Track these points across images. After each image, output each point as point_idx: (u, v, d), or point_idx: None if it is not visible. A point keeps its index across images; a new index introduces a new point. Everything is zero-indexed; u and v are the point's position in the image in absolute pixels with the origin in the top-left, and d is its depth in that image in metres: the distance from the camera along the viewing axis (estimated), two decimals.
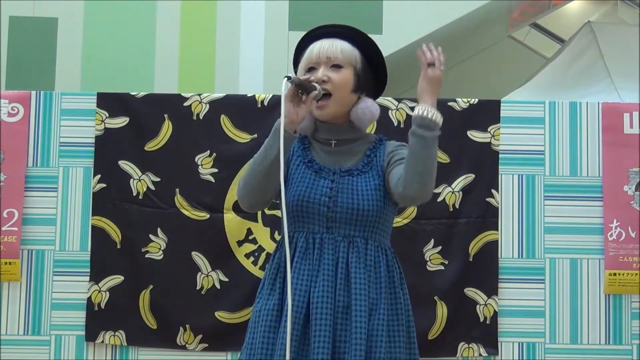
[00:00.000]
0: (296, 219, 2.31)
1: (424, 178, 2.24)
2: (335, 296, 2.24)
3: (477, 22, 7.25)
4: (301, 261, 2.27)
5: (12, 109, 3.39)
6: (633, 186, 3.33)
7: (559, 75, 5.94)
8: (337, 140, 2.39)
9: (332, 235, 2.28)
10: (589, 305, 3.30)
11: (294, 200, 2.30)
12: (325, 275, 2.25)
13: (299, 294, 2.24)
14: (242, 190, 2.30)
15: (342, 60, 2.35)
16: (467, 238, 3.32)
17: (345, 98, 2.34)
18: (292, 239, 2.30)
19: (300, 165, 2.36)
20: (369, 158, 2.38)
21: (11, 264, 3.30)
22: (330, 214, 2.28)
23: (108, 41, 6.45)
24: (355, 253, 2.28)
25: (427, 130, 2.25)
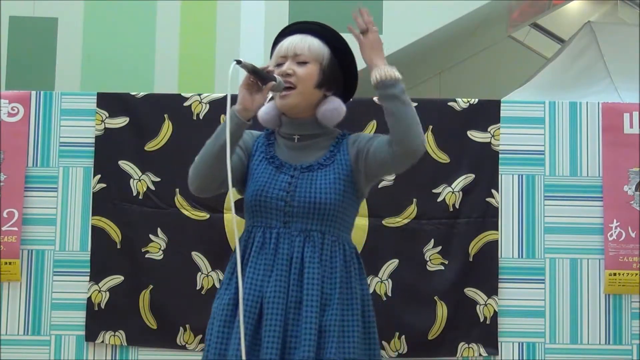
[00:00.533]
0: (255, 213, 2.33)
1: (413, 129, 2.28)
2: (288, 292, 2.24)
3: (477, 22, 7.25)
4: (257, 256, 2.29)
5: (12, 109, 3.39)
6: (633, 186, 3.33)
7: (559, 75, 5.94)
8: (301, 135, 2.40)
9: (289, 230, 2.29)
10: (589, 305, 3.30)
11: (252, 195, 2.32)
12: (279, 270, 2.25)
13: (253, 289, 2.25)
14: (192, 173, 2.32)
15: (308, 56, 2.37)
16: (467, 238, 3.32)
17: (308, 92, 2.36)
18: (250, 234, 2.33)
19: (262, 161, 2.37)
20: (332, 153, 2.39)
21: (11, 264, 3.30)
22: (287, 209, 2.29)
23: (108, 41, 6.45)
24: (310, 248, 2.28)
25: (393, 88, 2.29)
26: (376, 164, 2.33)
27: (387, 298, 3.29)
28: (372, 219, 3.31)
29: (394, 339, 3.27)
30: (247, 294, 2.25)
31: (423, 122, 3.32)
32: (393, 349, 3.27)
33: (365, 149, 2.35)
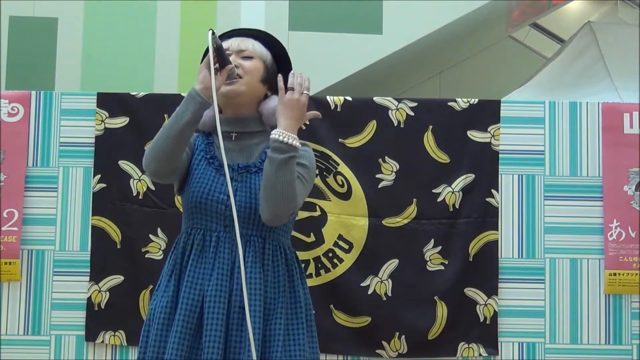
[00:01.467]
0: (195, 215, 2.31)
1: (271, 202, 2.23)
2: (231, 296, 2.23)
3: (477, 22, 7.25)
4: (197, 259, 2.28)
5: (12, 109, 3.39)
6: (633, 186, 3.33)
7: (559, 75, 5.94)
8: (238, 133, 2.38)
9: (229, 235, 2.27)
10: (589, 305, 3.30)
11: (193, 198, 2.30)
12: (220, 274, 2.24)
13: (193, 292, 2.24)
14: (149, 156, 2.26)
15: (252, 52, 2.39)
16: (467, 238, 3.32)
17: (254, 84, 2.36)
18: (189, 236, 2.32)
19: (202, 161, 2.36)
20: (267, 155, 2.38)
21: (11, 264, 3.30)
22: (228, 213, 2.28)
23: (108, 41, 6.44)
24: (251, 253, 2.27)
25: (279, 153, 2.23)
26: None
27: (387, 298, 3.29)
28: (372, 219, 3.32)
29: (394, 339, 3.27)
30: (187, 296, 2.24)
31: (423, 122, 3.36)
32: (393, 349, 3.27)
33: None
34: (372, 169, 3.34)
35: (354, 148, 3.35)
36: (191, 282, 2.26)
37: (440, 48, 7.62)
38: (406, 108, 3.38)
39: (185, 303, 2.24)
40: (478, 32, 7.85)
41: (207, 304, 2.22)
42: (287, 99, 2.28)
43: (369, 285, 3.30)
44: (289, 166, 2.23)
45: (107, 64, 6.38)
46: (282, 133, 2.24)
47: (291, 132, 2.25)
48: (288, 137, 2.23)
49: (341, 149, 3.34)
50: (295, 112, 2.28)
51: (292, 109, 2.27)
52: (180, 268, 2.30)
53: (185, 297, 2.24)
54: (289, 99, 2.28)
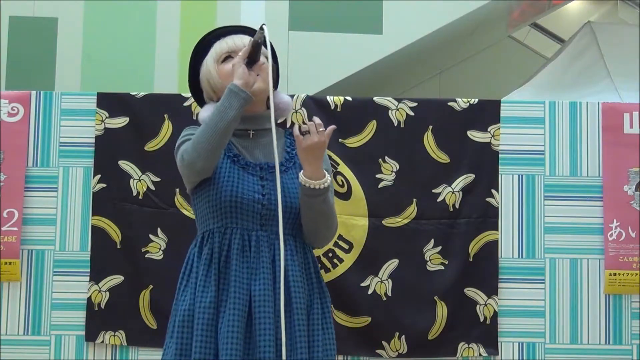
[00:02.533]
0: (228, 214, 2.29)
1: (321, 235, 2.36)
2: (275, 294, 2.24)
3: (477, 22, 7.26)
4: (240, 259, 2.26)
5: (12, 109, 3.39)
6: (633, 186, 3.33)
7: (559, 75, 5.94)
8: (255, 130, 2.38)
9: (267, 233, 2.28)
10: (589, 305, 3.30)
11: (226, 197, 2.28)
12: (265, 273, 2.25)
13: (240, 292, 2.23)
14: (194, 154, 2.24)
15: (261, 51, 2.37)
16: (467, 238, 3.32)
17: (268, 81, 2.35)
18: (224, 234, 2.29)
19: (225, 159, 2.34)
20: (289, 154, 2.40)
21: (11, 264, 3.30)
22: (264, 212, 2.28)
23: (108, 41, 6.45)
24: (289, 251, 2.29)
25: (313, 198, 2.28)
26: None
27: (387, 298, 3.29)
28: (372, 219, 3.32)
29: (394, 339, 3.27)
30: (238, 296, 2.23)
31: (423, 122, 3.36)
32: (393, 349, 3.27)
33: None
34: (372, 169, 3.34)
35: (354, 148, 3.35)
36: (239, 282, 2.24)
37: (440, 48, 7.63)
38: (406, 108, 3.38)
39: (237, 303, 2.22)
40: (478, 32, 7.85)
41: (256, 303, 2.22)
42: (307, 144, 2.27)
43: (369, 285, 3.30)
44: (325, 203, 2.30)
45: (107, 64, 6.39)
46: (311, 182, 2.27)
47: (318, 174, 2.28)
48: (319, 184, 2.27)
49: (341, 149, 3.34)
50: (317, 153, 2.28)
51: (313, 150, 2.27)
52: (219, 266, 2.27)
53: (237, 296, 2.22)
54: (309, 144, 2.27)
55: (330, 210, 2.33)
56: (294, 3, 6.53)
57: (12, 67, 6.37)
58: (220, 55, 2.40)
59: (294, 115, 3.34)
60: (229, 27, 2.47)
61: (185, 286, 2.34)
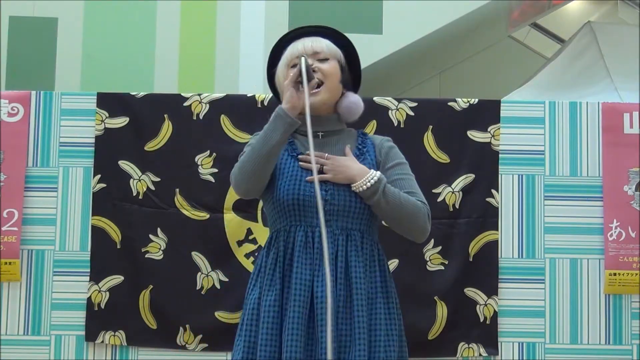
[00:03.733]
0: (292, 212, 2.31)
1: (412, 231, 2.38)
2: (335, 290, 2.24)
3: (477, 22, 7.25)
4: (303, 255, 2.27)
5: (12, 109, 3.39)
6: (633, 186, 3.33)
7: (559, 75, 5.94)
8: (324, 132, 2.40)
9: (330, 229, 2.29)
10: (589, 305, 3.30)
11: (289, 195, 2.30)
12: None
13: (302, 288, 2.24)
14: (240, 176, 2.29)
15: (327, 53, 2.38)
16: (467, 238, 3.32)
17: (335, 87, 2.38)
18: (289, 233, 2.31)
19: (289, 159, 2.36)
20: (360, 151, 2.41)
21: (11, 264, 3.30)
22: (327, 207, 2.29)
23: (108, 41, 6.45)
24: (353, 247, 2.30)
25: (373, 196, 2.30)
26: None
27: None
28: None
29: None
30: (300, 293, 2.24)
31: (423, 122, 3.36)
32: None
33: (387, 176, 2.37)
34: None
35: None
36: (301, 279, 2.25)
37: (440, 48, 7.62)
38: (406, 108, 3.38)
39: (298, 300, 2.23)
40: (478, 32, 7.85)
41: (318, 299, 2.22)
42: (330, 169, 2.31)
43: None
44: (389, 196, 2.30)
45: (107, 64, 6.39)
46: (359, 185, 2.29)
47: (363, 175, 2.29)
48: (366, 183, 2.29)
49: None
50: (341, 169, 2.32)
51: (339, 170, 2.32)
52: (284, 265, 2.29)
53: (297, 294, 2.24)
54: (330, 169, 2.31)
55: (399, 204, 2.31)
56: (294, 3, 6.53)
57: (12, 67, 6.37)
58: (291, 60, 2.40)
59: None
60: (304, 28, 2.47)
61: (254, 286, 2.35)
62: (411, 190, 2.38)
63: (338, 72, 2.38)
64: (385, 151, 2.44)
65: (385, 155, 2.43)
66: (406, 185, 2.38)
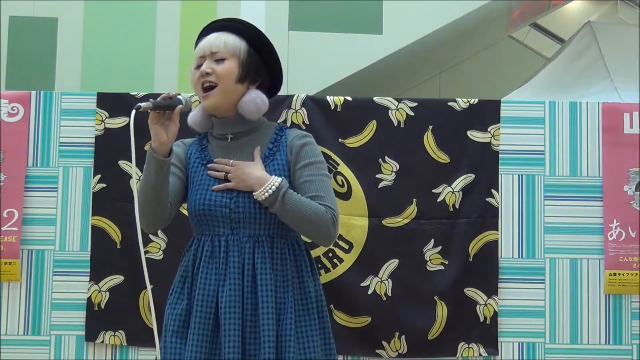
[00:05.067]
0: (200, 222, 2.33)
1: (315, 236, 2.33)
2: (242, 299, 2.25)
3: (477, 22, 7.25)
4: (207, 265, 2.29)
5: (12, 109, 3.39)
6: (633, 186, 3.33)
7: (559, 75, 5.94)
8: (233, 134, 2.39)
9: (238, 237, 2.29)
10: (589, 305, 3.30)
11: (196, 206, 2.32)
12: (233, 278, 2.26)
13: (207, 298, 2.26)
14: (142, 222, 2.32)
15: (224, 52, 2.36)
16: (467, 238, 3.32)
17: (230, 88, 2.35)
18: (199, 242, 2.33)
19: (199, 167, 2.38)
20: (271, 151, 2.38)
21: (11, 264, 3.30)
22: (233, 215, 2.29)
23: (108, 41, 6.45)
24: (260, 253, 2.29)
25: (273, 204, 2.28)
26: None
27: (387, 298, 3.29)
28: (372, 219, 3.32)
29: (394, 339, 3.27)
30: (202, 303, 2.25)
31: (423, 122, 3.36)
32: (393, 349, 3.27)
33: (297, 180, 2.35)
34: (372, 169, 3.34)
35: (354, 148, 3.35)
36: (204, 288, 2.27)
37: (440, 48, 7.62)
38: (406, 108, 3.38)
39: (200, 308, 2.25)
40: (478, 32, 7.85)
41: (222, 308, 2.23)
42: (233, 177, 2.31)
43: (369, 285, 3.30)
44: (289, 204, 2.26)
45: (107, 64, 6.39)
46: (258, 194, 2.28)
47: (262, 184, 2.27)
48: (264, 193, 2.26)
49: (341, 149, 3.34)
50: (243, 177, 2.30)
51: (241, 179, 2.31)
52: (192, 275, 2.31)
53: (200, 303, 2.26)
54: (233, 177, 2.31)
55: (299, 211, 2.27)
56: (294, 3, 6.53)
57: (12, 67, 6.36)
58: (196, 61, 2.40)
59: (294, 115, 3.33)
60: (215, 23, 2.45)
61: (171, 293, 2.39)
62: (317, 194, 2.32)
63: (233, 73, 2.35)
64: (297, 150, 2.37)
65: (296, 155, 2.37)
66: (314, 188, 2.32)
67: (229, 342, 2.20)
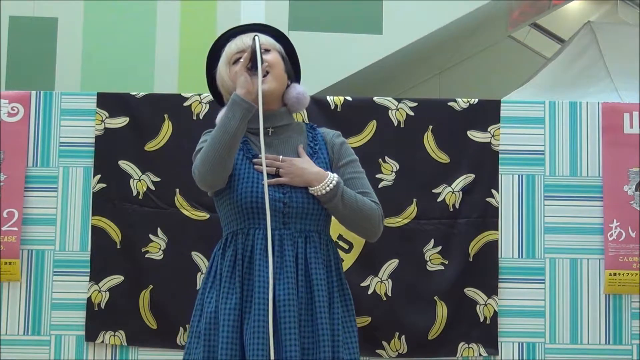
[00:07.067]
0: (250, 215, 2.31)
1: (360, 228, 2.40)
2: (297, 293, 2.25)
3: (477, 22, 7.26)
4: (264, 258, 2.27)
5: (12, 109, 3.39)
6: (633, 186, 3.33)
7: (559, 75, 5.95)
8: (274, 127, 2.39)
9: (289, 231, 2.30)
10: (589, 305, 3.30)
11: (246, 198, 2.30)
12: (288, 272, 2.25)
13: (264, 291, 2.24)
14: (203, 168, 2.28)
15: (268, 45, 2.40)
16: (467, 238, 3.32)
17: (281, 76, 2.39)
18: (247, 235, 2.31)
19: (244, 161, 2.36)
20: (313, 149, 2.41)
21: (11, 264, 3.30)
22: (286, 210, 2.30)
23: (108, 41, 6.45)
24: (312, 248, 2.31)
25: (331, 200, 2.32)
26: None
27: (387, 298, 3.29)
28: None
29: (394, 339, 3.27)
30: (262, 296, 2.24)
31: (423, 122, 3.36)
32: (393, 349, 3.27)
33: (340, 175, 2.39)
34: (372, 169, 3.33)
35: (354, 148, 3.31)
36: (263, 282, 2.24)
37: (440, 48, 7.63)
38: (406, 108, 3.38)
39: (259, 300, 2.23)
40: (478, 32, 7.85)
41: (280, 302, 2.22)
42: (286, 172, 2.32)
43: (369, 285, 3.30)
44: (346, 199, 2.32)
45: (107, 64, 6.39)
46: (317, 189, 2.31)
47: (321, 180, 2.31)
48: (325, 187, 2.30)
49: None
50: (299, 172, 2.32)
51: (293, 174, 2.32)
52: (242, 269, 2.28)
53: (260, 296, 2.23)
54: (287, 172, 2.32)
55: (355, 207, 2.33)
56: (294, 3, 6.53)
57: (12, 67, 6.37)
58: (231, 57, 2.41)
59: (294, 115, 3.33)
60: (239, 27, 2.49)
61: (211, 288, 2.35)
62: (364, 190, 2.41)
63: (281, 62, 2.40)
64: (337, 148, 2.45)
65: (337, 153, 2.44)
66: (359, 184, 2.40)
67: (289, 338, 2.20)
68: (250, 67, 2.28)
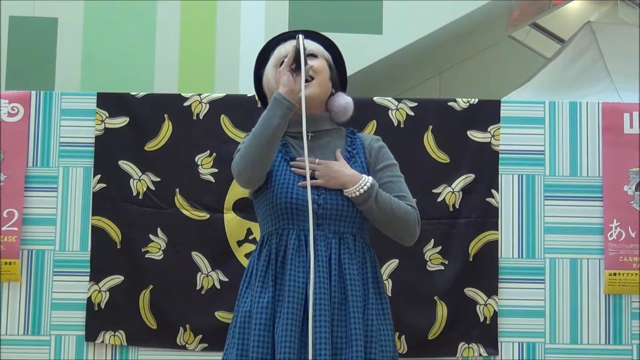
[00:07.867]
0: (284, 216, 2.32)
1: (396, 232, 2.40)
2: (330, 293, 2.25)
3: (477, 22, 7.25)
4: (296, 258, 2.28)
5: (12, 109, 3.39)
6: (633, 186, 3.33)
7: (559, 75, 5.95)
8: (314, 132, 2.40)
9: (323, 232, 2.30)
10: (589, 305, 3.30)
11: (282, 199, 2.31)
12: (321, 272, 2.26)
13: (297, 291, 2.25)
14: (242, 164, 2.29)
15: (315, 51, 2.41)
16: (467, 238, 3.32)
17: (325, 83, 2.40)
18: (281, 236, 2.32)
19: (282, 163, 2.37)
20: (350, 153, 2.42)
21: (11, 264, 3.30)
22: (320, 211, 2.30)
23: (108, 41, 6.45)
24: (346, 250, 2.31)
25: (365, 202, 2.32)
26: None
27: None
28: None
29: None
30: (292, 295, 2.24)
31: (423, 122, 3.36)
32: None
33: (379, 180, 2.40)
34: None
35: None
36: (294, 282, 2.25)
37: (440, 48, 7.62)
38: (406, 108, 3.38)
39: (293, 302, 2.23)
40: (478, 32, 7.85)
41: (312, 302, 2.22)
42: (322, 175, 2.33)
43: None
44: (381, 202, 2.32)
45: (107, 64, 6.39)
46: (351, 191, 2.31)
47: (355, 182, 2.31)
48: (359, 189, 2.31)
49: None
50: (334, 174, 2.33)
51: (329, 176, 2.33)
52: (276, 267, 2.29)
53: (291, 295, 2.24)
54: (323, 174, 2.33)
55: (390, 210, 2.34)
56: (294, 3, 6.53)
57: (12, 67, 6.37)
58: (279, 60, 2.41)
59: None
60: (289, 32, 2.49)
61: (247, 287, 2.36)
62: (401, 193, 2.41)
63: (327, 69, 2.40)
64: (375, 152, 2.46)
65: (375, 157, 2.45)
66: (396, 188, 2.40)
67: (321, 337, 2.20)
68: (295, 67, 2.28)
